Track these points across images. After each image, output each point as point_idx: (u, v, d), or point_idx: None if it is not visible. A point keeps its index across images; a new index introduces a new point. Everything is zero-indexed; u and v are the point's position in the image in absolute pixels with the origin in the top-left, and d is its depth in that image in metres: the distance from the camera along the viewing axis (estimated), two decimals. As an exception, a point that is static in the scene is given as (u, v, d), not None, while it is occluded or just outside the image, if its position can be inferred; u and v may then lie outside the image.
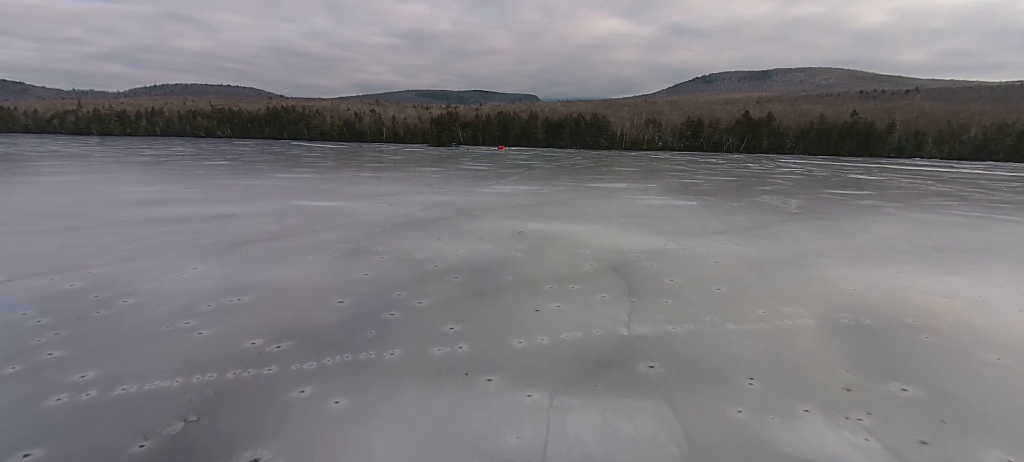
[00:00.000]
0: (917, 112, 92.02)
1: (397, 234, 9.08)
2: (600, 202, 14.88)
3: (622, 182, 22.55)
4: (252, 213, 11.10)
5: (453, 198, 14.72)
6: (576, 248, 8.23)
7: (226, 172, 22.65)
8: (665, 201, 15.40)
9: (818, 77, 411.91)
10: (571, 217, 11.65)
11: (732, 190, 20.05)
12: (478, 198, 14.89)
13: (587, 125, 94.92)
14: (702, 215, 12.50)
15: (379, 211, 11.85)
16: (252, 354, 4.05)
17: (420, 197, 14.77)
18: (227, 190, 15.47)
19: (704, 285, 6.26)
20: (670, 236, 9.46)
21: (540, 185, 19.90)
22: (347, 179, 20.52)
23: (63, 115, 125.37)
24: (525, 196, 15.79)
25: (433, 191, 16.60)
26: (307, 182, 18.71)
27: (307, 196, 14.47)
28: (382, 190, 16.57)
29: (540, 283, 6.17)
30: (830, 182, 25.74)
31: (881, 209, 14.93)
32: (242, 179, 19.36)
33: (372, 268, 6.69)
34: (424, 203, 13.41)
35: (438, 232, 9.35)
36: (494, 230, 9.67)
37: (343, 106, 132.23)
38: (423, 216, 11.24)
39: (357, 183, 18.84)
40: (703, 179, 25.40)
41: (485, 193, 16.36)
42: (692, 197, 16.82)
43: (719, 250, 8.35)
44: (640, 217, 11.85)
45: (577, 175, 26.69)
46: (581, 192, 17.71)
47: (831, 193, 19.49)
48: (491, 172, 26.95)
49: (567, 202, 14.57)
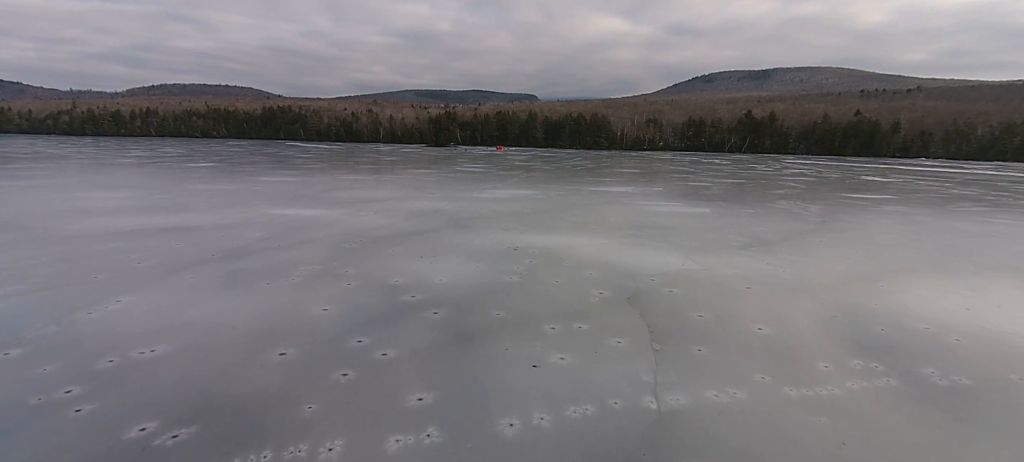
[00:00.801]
0: (921, 111, 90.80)
1: (375, 251, 7.89)
2: (604, 209, 13.71)
3: (626, 185, 21.37)
4: (217, 224, 9.91)
5: (445, 205, 13.54)
6: (581, 269, 7.04)
7: (207, 175, 21.46)
8: (675, 207, 14.22)
9: (818, 76, 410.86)
10: (574, 228, 10.47)
11: (743, 194, 18.88)
12: (472, 205, 13.71)
13: (587, 125, 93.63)
14: (718, 225, 11.31)
15: (361, 221, 10.66)
16: (131, 453, 2.86)
17: (409, 204, 13.59)
18: (199, 197, 14.27)
19: (742, 323, 5.08)
20: (688, 253, 8.27)
21: (539, 189, 18.72)
22: (334, 183, 19.33)
23: (57, 115, 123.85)
24: (523, 202, 14.61)
25: (424, 196, 15.42)
26: (290, 186, 17.52)
27: (285, 203, 13.28)
28: (369, 195, 15.39)
29: (539, 321, 4.99)
30: (844, 185, 24.58)
31: (912, 217, 13.76)
32: (221, 183, 18.16)
33: (335, 300, 5.50)
34: (412, 211, 12.22)
35: (423, 248, 8.16)
36: (487, 245, 8.48)
37: (340, 106, 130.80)
38: (409, 227, 10.05)
39: (344, 187, 17.65)
40: (710, 181, 24.22)
41: (480, 199, 15.18)
42: (702, 202, 15.64)
43: (748, 271, 7.17)
44: (650, 227, 10.66)
45: (578, 178, 25.51)
46: (583, 197, 16.53)
47: (849, 198, 18.31)
48: (488, 174, 25.77)
49: (568, 209, 13.39)
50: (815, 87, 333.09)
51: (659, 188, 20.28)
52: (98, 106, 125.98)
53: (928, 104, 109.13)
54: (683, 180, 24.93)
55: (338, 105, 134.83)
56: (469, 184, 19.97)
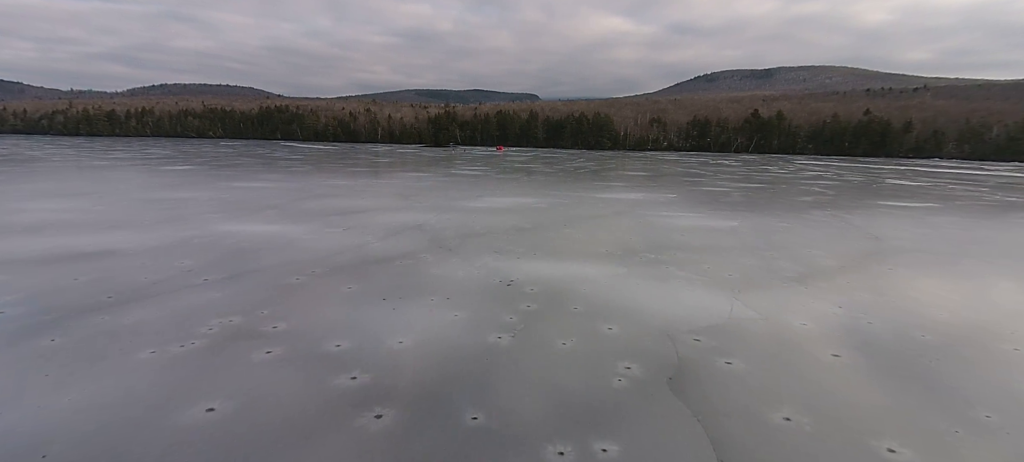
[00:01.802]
0: (931, 110, 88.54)
1: (323, 291, 6.04)
2: (615, 222, 11.84)
3: (635, 190, 19.50)
4: (145, 247, 8.08)
5: (430, 218, 11.69)
6: (595, 320, 5.19)
7: (177, 180, 19.65)
8: (696, 219, 12.35)
9: (821, 76, 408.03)
10: (581, 249, 8.61)
11: (768, 201, 17.00)
12: (462, 217, 11.85)
13: (589, 125, 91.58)
14: (755, 244, 9.44)
15: (324, 242, 8.82)
16: None
17: (389, 217, 11.74)
18: (150, 208, 12.45)
19: (855, 433, 3.21)
20: (732, 289, 6.41)
21: (540, 195, 16.86)
22: (312, 189, 17.50)
23: (52, 115, 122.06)
24: (521, 213, 12.76)
25: (409, 206, 13.58)
26: (262, 194, 15.69)
27: (245, 216, 11.44)
28: (346, 205, 13.55)
29: (538, 438, 3.14)
30: (871, 190, 22.69)
31: (974, 231, 11.89)
32: (186, 190, 16.34)
33: (228, 393, 3.64)
34: (390, 227, 10.37)
35: (388, 285, 6.31)
36: (472, 279, 6.63)
37: (338, 106, 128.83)
38: (379, 251, 8.20)
39: (321, 194, 15.82)
40: (726, 186, 22.34)
41: (473, 209, 13.33)
42: (725, 212, 13.77)
43: (824, 322, 5.29)
44: (673, 248, 8.79)
45: (581, 182, 23.65)
46: (589, 206, 14.67)
47: (888, 206, 16.42)
48: (485, 178, 23.93)
49: (573, 222, 11.53)
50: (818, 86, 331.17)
51: (672, 194, 18.40)
52: (93, 106, 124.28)
53: (936, 103, 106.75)
54: (696, 184, 23.05)
55: (336, 105, 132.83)
56: (463, 190, 18.12)
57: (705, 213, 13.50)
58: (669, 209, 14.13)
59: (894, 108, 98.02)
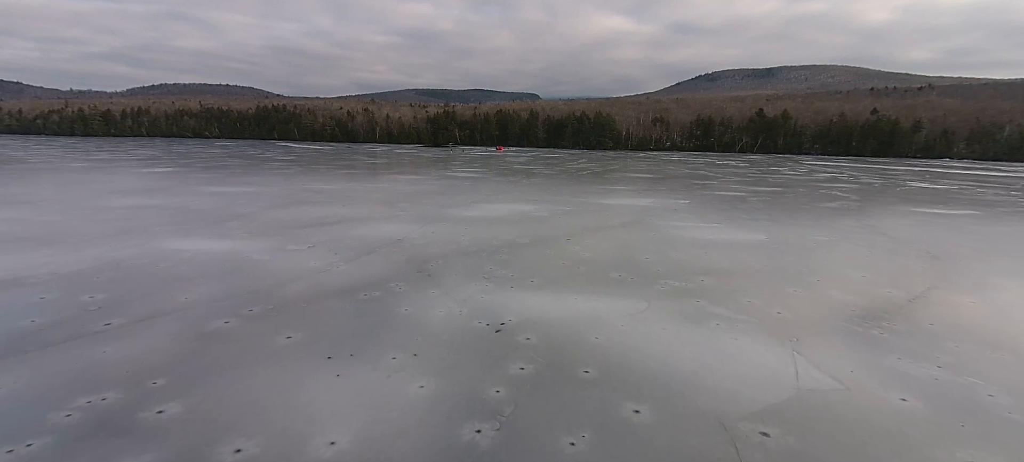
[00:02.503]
0: (940, 110, 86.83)
1: (251, 342, 4.60)
2: (625, 236, 10.38)
3: (643, 195, 18.04)
4: (62, 273, 6.65)
5: (415, 230, 10.23)
6: (616, 398, 3.73)
7: (150, 183, 18.21)
8: (717, 231, 10.88)
9: (823, 75, 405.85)
10: (589, 275, 7.15)
11: (791, 208, 15.53)
12: (451, 230, 10.40)
13: (591, 124, 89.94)
14: (795, 267, 7.98)
15: (280, 264, 7.38)
16: None
17: (366, 229, 10.29)
18: (98, 218, 11.01)
19: None
20: (790, 338, 4.95)
21: (540, 201, 15.40)
22: (291, 195, 16.05)
23: (47, 115, 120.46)
24: (518, 223, 11.30)
25: (393, 216, 12.13)
26: (231, 200, 14.25)
27: (201, 229, 10.00)
28: (322, 214, 12.10)
29: None
30: (896, 194, 21.23)
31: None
32: (151, 197, 14.90)
33: None
34: (365, 243, 8.93)
35: (340, 332, 4.87)
36: (452, 322, 5.18)
37: (335, 105, 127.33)
38: (342, 278, 6.75)
39: (299, 201, 14.37)
40: (740, 189, 20.86)
41: (465, 218, 11.87)
42: (747, 221, 12.31)
43: (934, 396, 3.83)
44: (701, 274, 7.33)
45: (584, 185, 22.19)
46: (594, 214, 13.21)
47: (925, 213, 14.94)
48: (482, 181, 22.47)
49: (578, 237, 10.07)
50: (820, 85, 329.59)
51: (683, 200, 16.92)
52: (89, 106, 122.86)
53: (943, 102, 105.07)
54: (706, 187, 21.57)
55: (333, 104, 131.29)
56: (456, 195, 16.67)
57: (724, 223, 12.03)
58: (683, 218, 12.66)
59: (900, 107, 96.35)
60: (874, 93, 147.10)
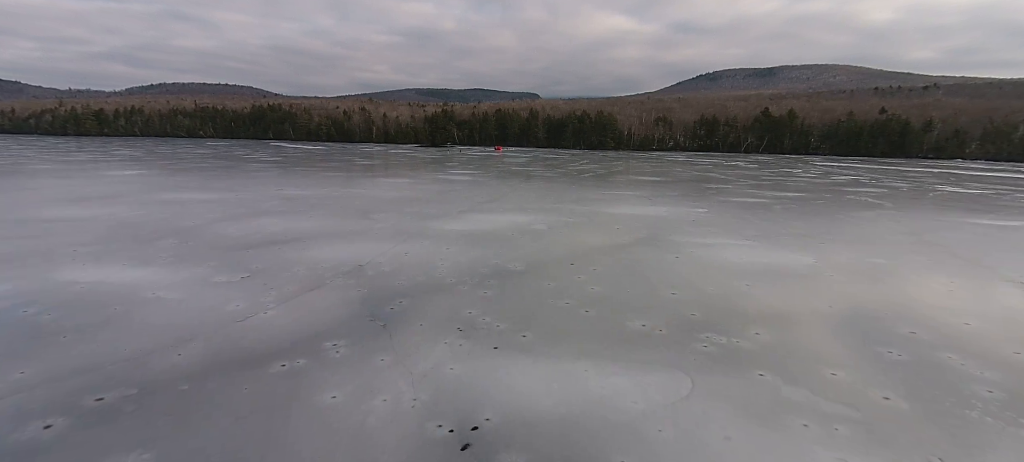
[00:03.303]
0: (949, 109, 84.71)
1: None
2: (643, 259, 8.50)
3: (654, 201, 16.17)
4: None
5: (384, 250, 8.38)
6: None
7: (104, 188, 16.36)
8: (753, 251, 9.01)
9: (825, 74, 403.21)
10: (601, 324, 5.29)
11: (824, 219, 13.66)
12: (429, 250, 8.54)
13: (592, 124, 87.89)
14: (872, 306, 6.12)
15: (192, 308, 5.53)
16: None
17: (326, 250, 8.43)
18: (7, 231, 9.16)
19: None
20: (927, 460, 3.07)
21: (538, 210, 13.55)
22: (255, 202, 14.21)
23: (40, 114, 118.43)
24: (511, 242, 9.44)
25: (364, 230, 10.27)
26: (183, 210, 12.39)
27: (124, 250, 8.15)
28: (282, 228, 10.23)
29: None
30: (929, 199, 19.36)
31: None
32: (89, 207, 13.05)
33: None
34: (316, 271, 7.07)
35: (211, 450, 2.99)
36: (398, 418, 3.32)
37: (332, 104, 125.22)
38: (265, 332, 4.90)
39: (260, 212, 12.52)
40: (759, 194, 18.99)
41: (448, 234, 10.01)
42: (783, 236, 10.44)
43: None
44: (752, 321, 5.47)
45: (588, 189, 20.33)
46: (602, 227, 11.35)
47: (991, 226, 13.07)
48: (476, 185, 20.61)
49: (584, 260, 8.20)
50: (822, 85, 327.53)
51: (700, 207, 15.05)
52: (82, 105, 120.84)
53: (953, 101, 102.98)
54: (723, 193, 19.69)
55: (330, 103, 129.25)
56: (445, 202, 14.81)
57: (757, 240, 10.15)
58: (707, 233, 10.79)
59: (907, 107, 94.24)
60: (879, 92, 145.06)
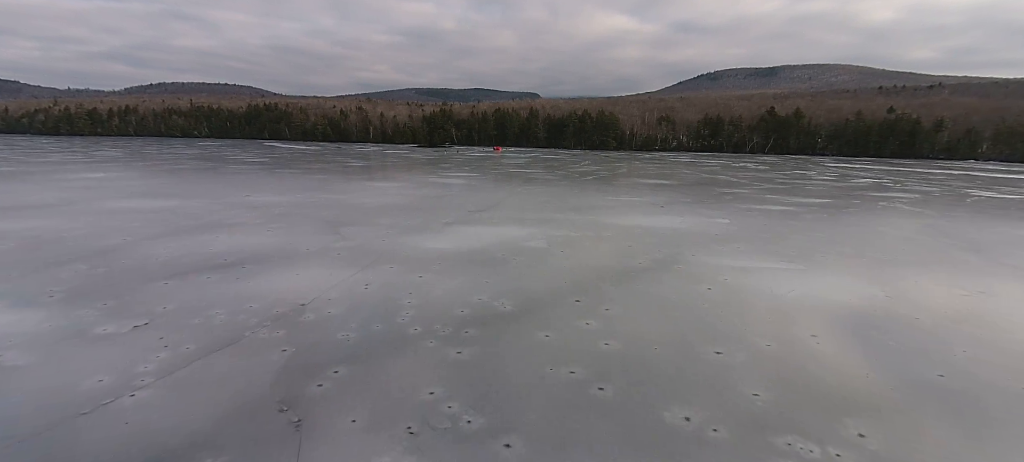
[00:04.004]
0: (958, 108, 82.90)
1: None
2: (668, 295, 6.75)
3: (669, 211, 14.45)
4: None
5: (340, 280, 6.64)
6: None
7: (54, 195, 14.64)
8: (806, 280, 7.27)
9: (827, 74, 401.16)
10: (626, 411, 3.53)
11: (865, 230, 11.92)
12: (395, 282, 6.81)
13: (593, 123, 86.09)
14: (1004, 374, 4.37)
15: (40, 379, 3.78)
16: None
17: (266, 280, 6.69)
18: None
19: None
20: None
21: (536, 221, 11.81)
22: (213, 212, 12.49)
23: (33, 114, 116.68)
24: (501, 266, 7.70)
25: (324, 249, 8.54)
26: (121, 223, 10.67)
27: (2, 282, 6.42)
28: (226, 247, 8.50)
29: None
30: (973, 206, 17.63)
31: None
32: (17, 219, 11.33)
33: None
34: (237, 317, 5.34)
35: None
36: None
37: (329, 104, 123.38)
38: (102, 447, 3.14)
39: (210, 225, 10.79)
40: (782, 200, 17.26)
41: (424, 255, 8.28)
42: (830, 256, 8.71)
43: None
44: (847, 408, 3.73)
45: (591, 193, 18.60)
46: (612, 243, 9.61)
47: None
48: (469, 189, 18.88)
49: (592, 293, 6.46)
50: (824, 84, 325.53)
51: (721, 217, 13.30)
52: (75, 105, 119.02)
53: (961, 101, 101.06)
54: (740, 198, 17.95)
55: (327, 103, 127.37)
56: (430, 211, 13.08)
57: (800, 261, 8.41)
58: (738, 252, 9.04)
59: (914, 106, 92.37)
60: (883, 92, 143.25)
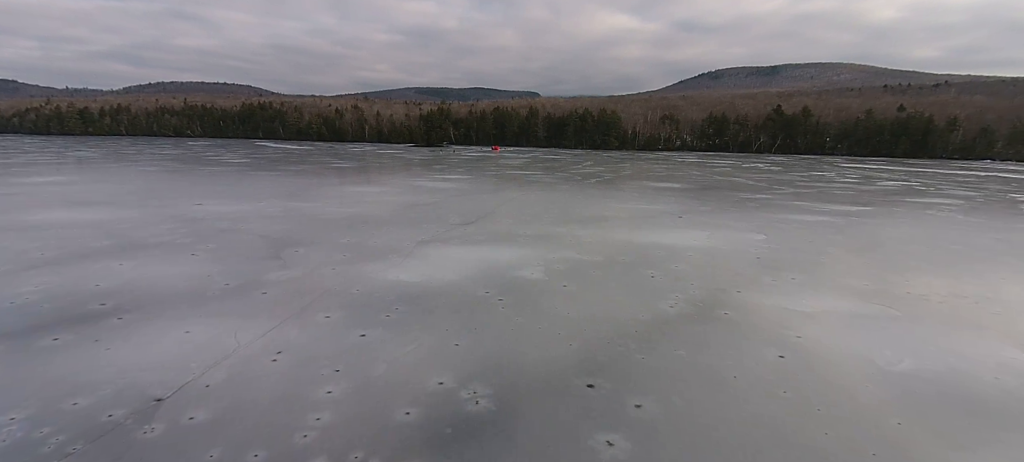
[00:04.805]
0: (970, 107, 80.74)
1: None
2: (718, 361, 4.57)
3: (692, 223, 12.31)
4: None
5: (239, 347, 4.49)
6: None
7: None
8: (898, 334, 5.12)
9: (829, 72, 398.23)
10: None
11: (937, 246, 9.75)
12: (321, 344, 4.65)
13: (594, 122, 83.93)
14: None
15: None
16: None
17: (156, 341, 4.54)
18: None
19: None
20: None
21: (530, 240, 9.67)
22: (134, 230, 10.37)
23: (24, 113, 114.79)
24: (475, 312, 5.55)
25: (238, 291, 6.42)
26: (13, 242, 8.53)
27: None
28: (124, 278, 6.37)
29: None
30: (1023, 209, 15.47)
31: None
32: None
33: None
34: (29, 439, 3.16)
35: None
36: None
37: (325, 103, 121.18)
38: None
39: (102, 251, 8.67)
40: (815, 208, 15.12)
41: (373, 296, 6.13)
42: (894, 276, 6.55)
43: None
44: None
45: (596, 200, 16.45)
46: (626, 275, 7.47)
47: None
48: (459, 195, 16.75)
49: (606, 372, 4.30)
50: (826, 83, 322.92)
51: (755, 233, 11.13)
52: (66, 104, 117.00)
53: (969, 99, 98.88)
54: (765, 206, 15.79)
55: (323, 102, 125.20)
56: (406, 224, 10.93)
57: (884, 300, 6.26)
58: (793, 285, 6.88)
59: (923, 105, 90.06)
60: (889, 90, 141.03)
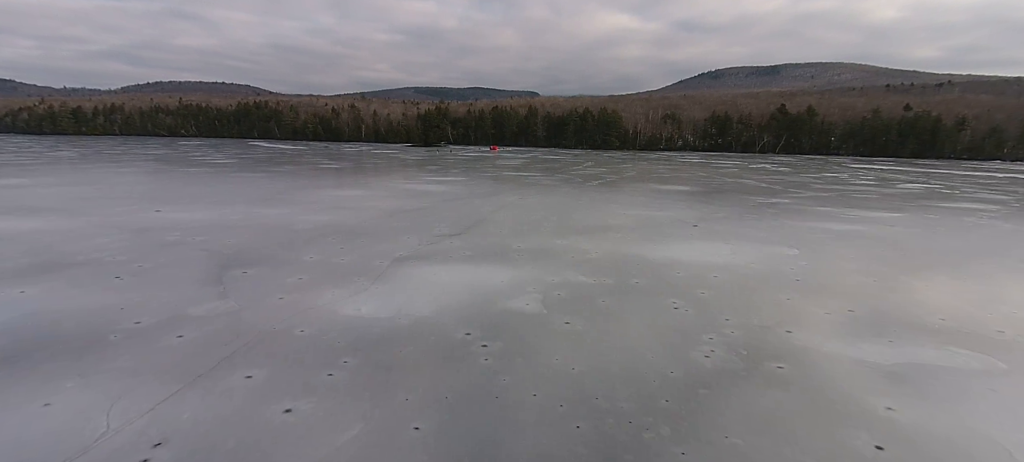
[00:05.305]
0: (976, 106, 79.44)
1: None
2: (774, 437, 3.14)
3: (710, 234, 10.91)
4: None
5: (136, 431, 3.06)
6: None
7: None
8: (1014, 389, 3.70)
9: (829, 72, 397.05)
10: None
11: (983, 255, 8.35)
12: (244, 424, 3.22)
13: (595, 121, 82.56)
14: None
15: None
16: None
17: (66, 400, 3.10)
18: None
19: None
20: None
21: (525, 256, 8.28)
22: (64, 244, 8.96)
23: (17, 112, 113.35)
24: (460, 366, 4.14)
25: (175, 325, 5.00)
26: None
27: None
28: (67, 306, 4.95)
29: None
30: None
31: None
32: None
33: None
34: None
35: None
36: None
37: (321, 102, 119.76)
38: None
39: (35, 269, 7.27)
40: (841, 214, 13.73)
41: (334, 336, 4.72)
42: (979, 311, 5.15)
43: None
44: None
45: (598, 205, 15.05)
46: (644, 310, 6.08)
47: None
48: (450, 199, 15.35)
49: None
50: (827, 83, 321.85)
51: (787, 248, 9.75)
52: (59, 103, 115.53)
53: (974, 98, 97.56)
54: (786, 213, 14.40)
55: (320, 101, 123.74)
56: (383, 237, 9.53)
57: (986, 346, 4.87)
58: (856, 324, 5.50)
59: (928, 104, 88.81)
60: (891, 89, 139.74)
